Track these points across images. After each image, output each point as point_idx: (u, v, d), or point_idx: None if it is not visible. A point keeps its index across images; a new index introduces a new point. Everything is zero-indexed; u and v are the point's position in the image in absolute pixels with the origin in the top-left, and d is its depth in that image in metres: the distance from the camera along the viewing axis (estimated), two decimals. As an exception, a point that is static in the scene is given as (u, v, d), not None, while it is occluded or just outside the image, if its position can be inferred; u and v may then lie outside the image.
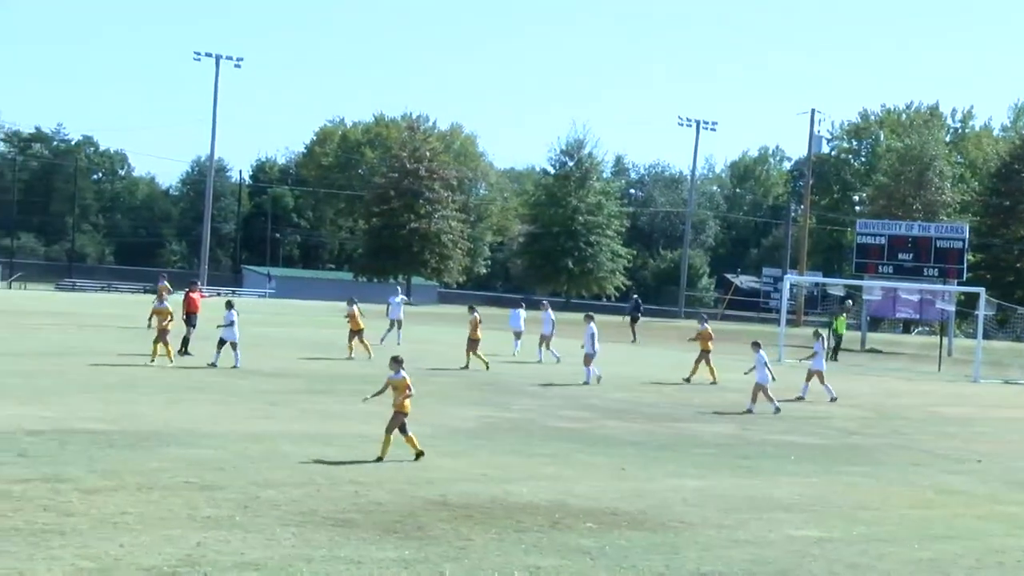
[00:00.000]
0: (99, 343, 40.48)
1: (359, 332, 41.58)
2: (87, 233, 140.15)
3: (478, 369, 40.14)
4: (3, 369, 33.16)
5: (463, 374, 38.73)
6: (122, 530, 15.95)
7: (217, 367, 35.77)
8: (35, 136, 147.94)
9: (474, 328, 41.03)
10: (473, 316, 41.74)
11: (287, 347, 42.39)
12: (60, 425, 24.01)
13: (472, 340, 40.87)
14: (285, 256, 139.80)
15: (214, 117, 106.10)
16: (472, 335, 40.96)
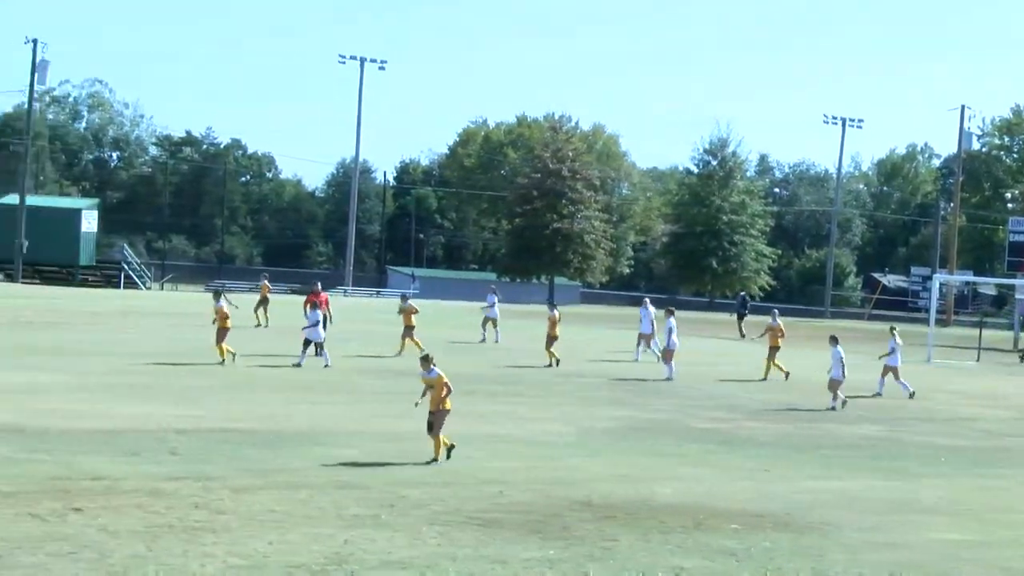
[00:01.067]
0: (247, 343, 41.09)
1: (411, 329, 41.20)
2: (236, 235, 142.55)
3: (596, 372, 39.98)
4: (155, 369, 33.86)
5: (601, 375, 38.56)
6: (270, 528, 16.19)
7: (302, 366, 35.70)
8: (185, 140, 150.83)
9: (553, 326, 40.96)
10: (552, 314, 41.62)
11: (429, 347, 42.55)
12: (210, 424, 24.45)
13: (551, 337, 40.76)
14: (429, 256, 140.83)
15: (359, 119, 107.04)
16: (551, 332, 40.86)
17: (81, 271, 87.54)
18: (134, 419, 24.59)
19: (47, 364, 32.67)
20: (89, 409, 25.68)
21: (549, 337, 40.92)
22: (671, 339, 37.78)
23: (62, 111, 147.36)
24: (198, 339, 39.55)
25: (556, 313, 41.83)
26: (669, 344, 37.85)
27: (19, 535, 15.10)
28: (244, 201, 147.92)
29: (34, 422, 23.52)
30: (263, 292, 50.83)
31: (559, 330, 41.33)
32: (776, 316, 41.12)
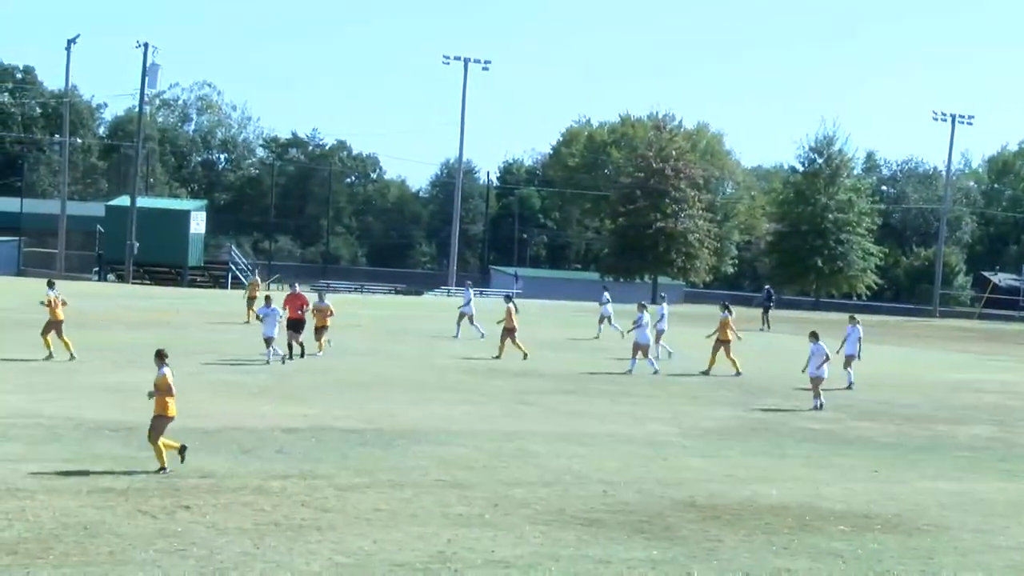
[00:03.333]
0: (353, 343, 41.38)
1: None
2: (341, 235, 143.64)
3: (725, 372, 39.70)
4: (264, 368, 34.20)
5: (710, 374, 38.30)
6: (375, 526, 16.30)
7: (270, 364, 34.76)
8: (292, 141, 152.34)
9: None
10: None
11: (533, 347, 42.62)
12: (316, 423, 24.67)
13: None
14: (532, 256, 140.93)
15: (462, 120, 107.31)
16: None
17: (189, 272, 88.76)
18: (242, 418, 24.88)
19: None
20: (198, 408, 25.96)
21: (506, 329, 40.23)
22: (644, 334, 37.43)
23: (172, 114, 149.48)
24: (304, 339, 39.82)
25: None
26: (640, 338, 37.38)
27: (131, 532, 15.35)
28: (349, 202, 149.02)
29: (146, 421, 23.85)
30: (252, 290, 50.86)
31: (517, 321, 40.57)
32: (728, 309, 39.55)
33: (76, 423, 23.18)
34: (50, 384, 28.64)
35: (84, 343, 36.25)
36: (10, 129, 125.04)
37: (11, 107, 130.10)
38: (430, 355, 39.62)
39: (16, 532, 15.09)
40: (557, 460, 21.78)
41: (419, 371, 35.24)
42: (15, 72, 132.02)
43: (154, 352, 19.78)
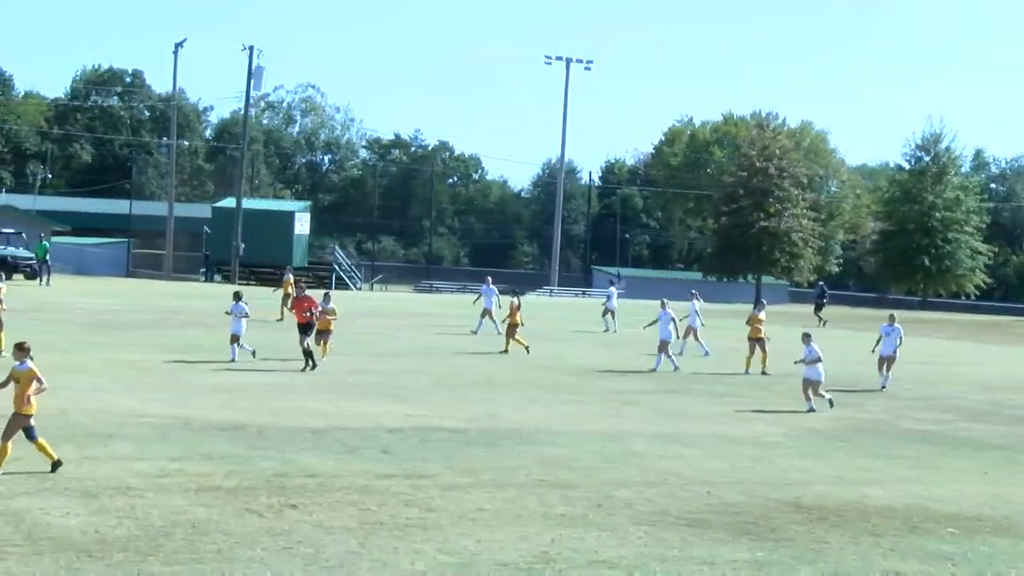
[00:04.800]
0: (457, 343, 41.55)
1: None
2: (443, 236, 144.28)
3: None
4: (368, 368, 34.45)
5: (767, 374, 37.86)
6: (480, 526, 16.33)
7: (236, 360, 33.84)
8: (394, 143, 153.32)
9: (513, 313, 40.68)
10: (514, 300, 41.32)
11: (634, 347, 42.51)
12: (421, 423, 24.78)
13: (512, 325, 40.45)
14: (634, 256, 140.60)
15: (564, 120, 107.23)
16: (512, 320, 40.47)
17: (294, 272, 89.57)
18: (349, 417, 25.07)
19: (264, 364, 33.51)
20: (305, 407, 26.24)
21: (510, 325, 40.58)
22: (666, 330, 37.06)
23: (276, 116, 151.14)
24: (410, 339, 40.10)
25: (517, 300, 41.46)
26: (663, 335, 37.06)
27: (239, 530, 15.51)
28: (451, 202, 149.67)
29: (254, 419, 24.14)
30: (287, 288, 51.00)
31: (520, 317, 40.85)
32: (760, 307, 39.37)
33: (184, 422, 23.48)
34: (157, 383, 29.05)
35: (193, 343, 36.80)
36: (119, 132, 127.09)
37: (120, 110, 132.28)
38: (531, 355, 39.62)
39: (126, 530, 15.32)
40: (660, 461, 21.69)
41: (520, 371, 35.28)
42: (124, 76, 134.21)
43: (14, 345, 18.77)
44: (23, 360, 18.24)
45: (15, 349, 18.55)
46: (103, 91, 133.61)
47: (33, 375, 18.10)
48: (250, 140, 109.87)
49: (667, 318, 37.10)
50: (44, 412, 23.75)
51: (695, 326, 43.13)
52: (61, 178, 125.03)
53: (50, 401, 25.20)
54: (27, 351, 18.37)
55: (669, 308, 37.71)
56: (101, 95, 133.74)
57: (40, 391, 18.22)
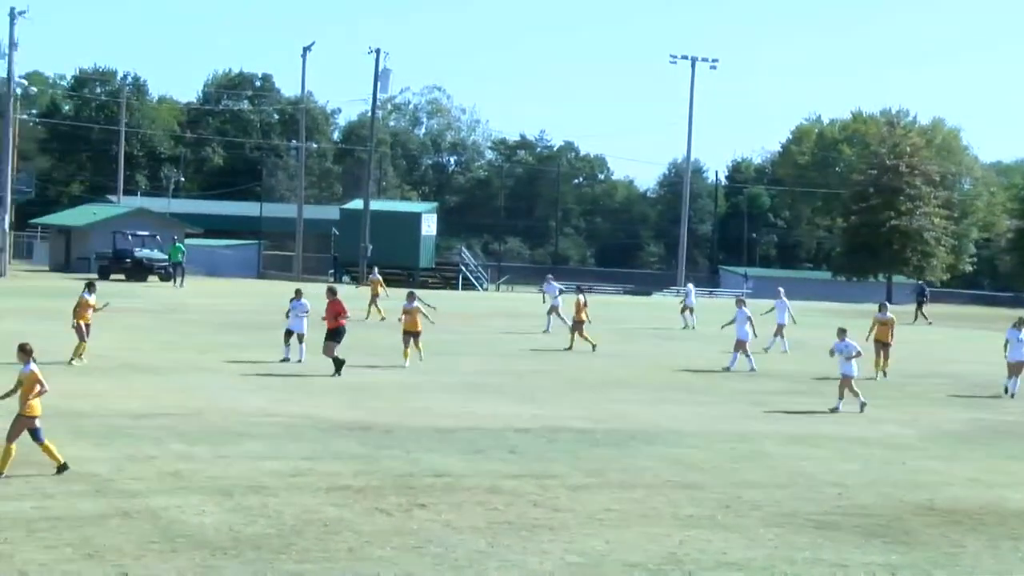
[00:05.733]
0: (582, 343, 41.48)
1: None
2: (569, 236, 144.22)
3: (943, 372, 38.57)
4: (494, 368, 34.56)
5: (948, 375, 37.29)
6: (607, 526, 16.32)
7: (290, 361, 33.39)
8: (520, 143, 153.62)
9: (579, 310, 40.65)
10: (579, 297, 41.49)
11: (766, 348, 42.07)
12: (548, 423, 24.81)
13: (577, 321, 40.53)
14: (762, 256, 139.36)
15: (690, 119, 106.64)
16: (578, 316, 40.54)
17: (421, 273, 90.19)
18: (475, 417, 25.20)
19: (386, 363, 33.70)
20: (431, 407, 26.42)
21: (576, 322, 40.52)
22: (743, 330, 36.37)
23: (403, 118, 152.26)
24: (535, 339, 40.18)
25: (583, 297, 41.55)
26: (740, 334, 36.40)
27: (369, 529, 15.67)
28: (577, 203, 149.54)
29: (381, 419, 24.36)
30: (375, 287, 50.90)
31: (587, 314, 40.74)
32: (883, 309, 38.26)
33: (313, 422, 23.77)
34: (287, 384, 29.43)
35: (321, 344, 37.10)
36: (249, 135, 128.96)
37: (250, 114, 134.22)
38: (658, 355, 39.51)
39: (259, 528, 15.55)
40: (789, 462, 21.50)
41: (648, 371, 35.18)
42: (254, 80, 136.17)
43: (17, 347, 18.48)
44: (27, 362, 18.14)
45: (18, 351, 18.36)
46: (234, 95, 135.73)
47: (35, 378, 17.97)
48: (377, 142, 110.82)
49: (743, 317, 36.68)
50: (181, 411, 24.28)
51: (783, 323, 42.71)
52: (194, 181, 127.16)
53: (185, 401, 25.73)
54: (29, 353, 18.23)
55: (746, 307, 37.28)
56: (232, 99, 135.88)
57: (41, 394, 18.01)
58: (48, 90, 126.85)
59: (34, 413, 17.98)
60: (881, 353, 35.96)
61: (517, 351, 39.40)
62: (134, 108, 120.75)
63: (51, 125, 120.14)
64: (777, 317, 42.80)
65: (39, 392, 18.01)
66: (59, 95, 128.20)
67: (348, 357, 31.45)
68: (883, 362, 35.89)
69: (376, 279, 52.09)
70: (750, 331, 36.51)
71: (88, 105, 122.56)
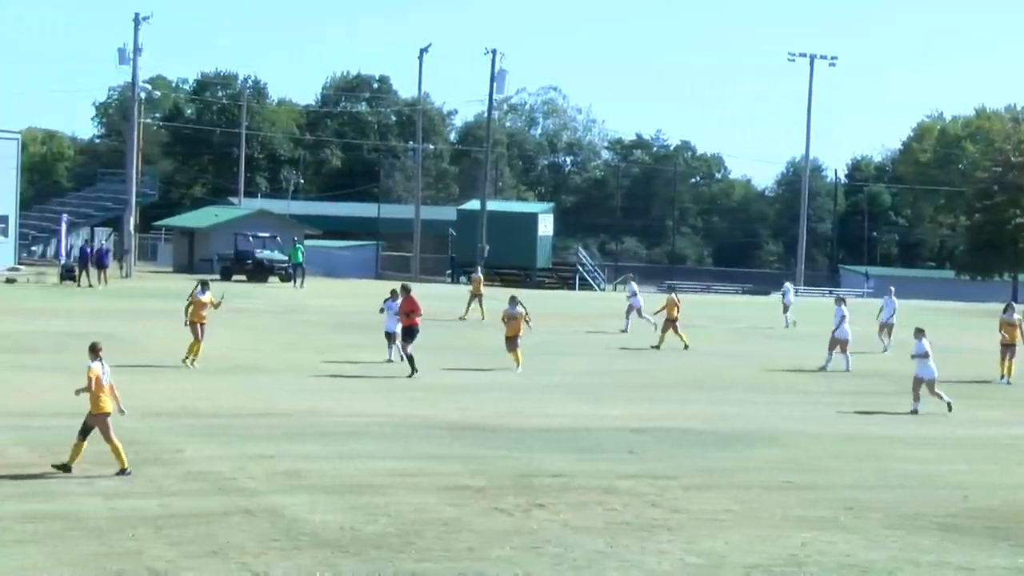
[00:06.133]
0: (696, 343, 41.28)
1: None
2: (686, 235, 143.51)
3: None
4: (608, 368, 34.53)
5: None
6: (725, 527, 16.23)
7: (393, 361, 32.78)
8: (636, 143, 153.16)
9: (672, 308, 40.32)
10: (672, 296, 41.54)
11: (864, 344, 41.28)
12: (663, 423, 24.73)
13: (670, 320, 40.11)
14: (883, 254, 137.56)
15: (808, 117, 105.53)
16: (671, 315, 40.14)
17: (537, 273, 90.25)
18: (587, 418, 25.19)
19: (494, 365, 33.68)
20: (544, 408, 26.46)
21: (667, 320, 40.18)
22: (844, 329, 35.52)
23: (519, 118, 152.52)
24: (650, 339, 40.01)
25: (675, 296, 41.64)
26: (840, 333, 35.56)
27: (488, 529, 15.73)
28: (694, 202, 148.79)
29: (497, 419, 24.45)
30: (476, 286, 50.62)
31: (678, 313, 40.36)
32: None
33: (430, 422, 23.91)
34: (403, 384, 29.61)
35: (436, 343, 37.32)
36: (367, 137, 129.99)
37: (368, 116, 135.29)
38: (761, 354, 39.06)
39: (380, 527, 15.68)
40: (906, 463, 21.22)
41: (750, 371, 34.86)
42: (372, 82, 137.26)
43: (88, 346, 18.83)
44: (92, 360, 18.43)
45: (88, 350, 18.68)
46: (352, 97, 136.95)
47: (89, 375, 18.26)
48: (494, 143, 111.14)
49: (840, 314, 36.07)
50: (299, 411, 24.54)
51: (891, 322, 41.99)
52: (313, 183, 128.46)
53: (302, 401, 26.02)
54: (96, 352, 18.54)
55: (844, 306, 36.67)
56: (350, 101, 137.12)
57: (91, 390, 18.19)
58: (171, 94, 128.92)
59: (95, 410, 18.20)
60: (1006, 356, 34.93)
61: (631, 351, 39.18)
62: (254, 111, 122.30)
63: (174, 128, 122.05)
64: (884, 315, 42.10)
65: (89, 388, 18.16)
66: (182, 99, 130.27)
67: (455, 358, 31.64)
68: (1008, 365, 34.61)
69: (478, 278, 52.22)
70: (848, 330, 35.95)
71: (210, 108, 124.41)
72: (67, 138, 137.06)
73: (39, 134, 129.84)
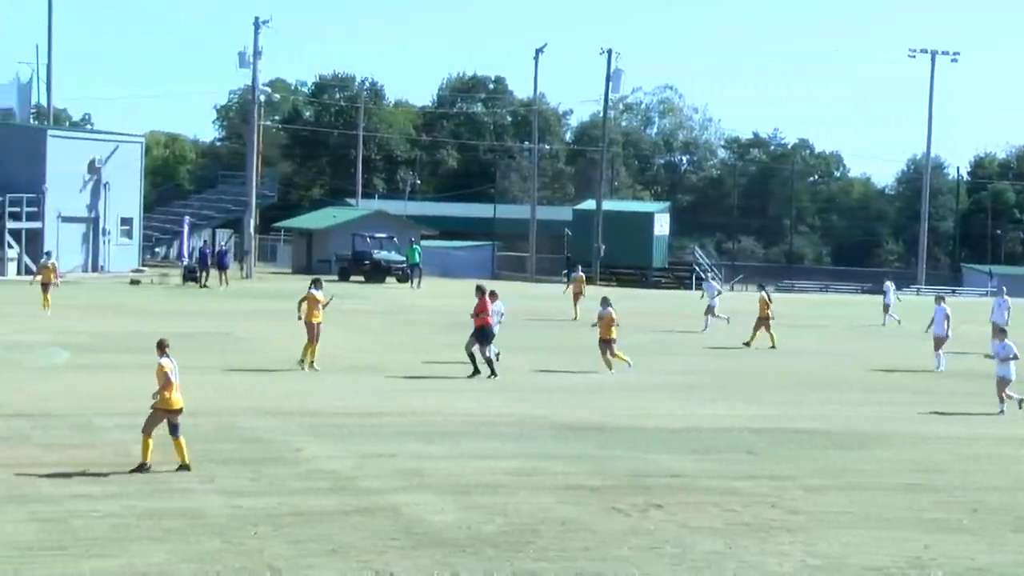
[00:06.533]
0: (812, 343, 40.88)
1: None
2: (804, 235, 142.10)
3: None
4: (728, 368, 34.29)
5: None
6: (846, 529, 16.04)
7: None
8: (753, 142, 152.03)
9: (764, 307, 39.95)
10: (762, 294, 41.04)
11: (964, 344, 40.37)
12: (780, 424, 24.50)
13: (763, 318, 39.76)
14: (1007, 253, 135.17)
15: (930, 114, 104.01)
16: (763, 313, 39.82)
17: (654, 273, 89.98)
18: (709, 418, 25.02)
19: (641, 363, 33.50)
20: (658, 407, 26.34)
21: (760, 318, 39.91)
22: (941, 326, 34.53)
23: (635, 118, 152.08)
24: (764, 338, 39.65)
25: (767, 294, 41.02)
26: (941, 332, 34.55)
27: (605, 529, 15.70)
28: (812, 201, 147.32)
29: (611, 419, 24.38)
30: (578, 286, 50.15)
31: (771, 311, 40.07)
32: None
33: (549, 422, 23.90)
34: (522, 383, 29.64)
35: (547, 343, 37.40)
36: (483, 138, 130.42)
37: (484, 116, 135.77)
38: (885, 354, 38.50)
39: (497, 526, 15.71)
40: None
41: (873, 371, 34.42)
42: (487, 83, 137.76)
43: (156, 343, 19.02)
44: (160, 356, 18.64)
45: (156, 347, 18.92)
46: (468, 98, 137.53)
47: (160, 371, 18.47)
48: (609, 142, 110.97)
49: (942, 314, 35.30)
50: (414, 411, 24.68)
51: (999, 322, 41.05)
52: (429, 183, 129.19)
53: (417, 400, 26.15)
54: (163, 348, 18.73)
55: (945, 304, 35.88)
56: (466, 102, 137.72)
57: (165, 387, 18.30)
58: (290, 96, 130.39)
59: (167, 407, 18.32)
60: None
61: (742, 350, 38.78)
62: (371, 112, 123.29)
63: (293, 131, 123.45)
64: (994, 315, 41.15)
65: (164, 386, 18.32)
66: (300, 101, 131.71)
67: (565, 358, 31.59)
68: None
69: (579, 277, 52.09)
70: (947, 329, 35.19)
71: (328, 110, 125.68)
72: (189, 141, 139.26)
73: (162, 137, 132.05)
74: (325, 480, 18.15)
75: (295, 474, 18.42)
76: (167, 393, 18.35)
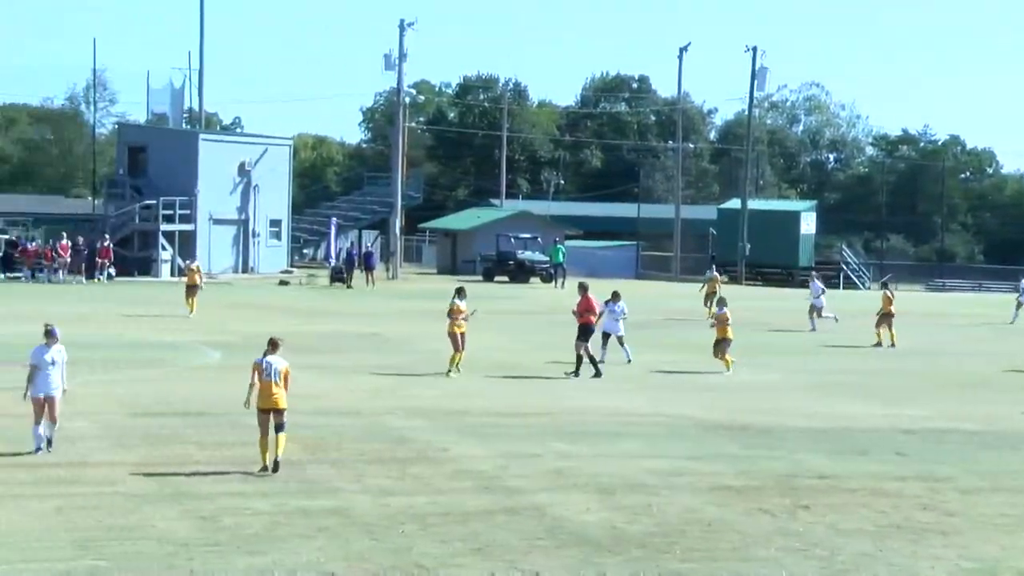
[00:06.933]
0: (971, 344, 40.07)
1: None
2: (956, 233, 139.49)
3: None
4: (867, 368, 33.78)
5: None
6: (1002, 532, 15.72)
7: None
8: (902, 139, 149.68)
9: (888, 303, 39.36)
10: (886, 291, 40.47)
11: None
12: (932, 424, 24.09)
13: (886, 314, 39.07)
14: None
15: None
16: (886, 309, 39.13)
17: (800, 272, 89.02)
18: (845, 417, 24.70)
19: (771, 363, 33.42)
20: (801, 407, 26.05)
21: (884, 315, 39.37)
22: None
23: (780, 116, 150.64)
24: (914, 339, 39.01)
25: (890, 292, 40.65)
26: None
27: (752, 529, 15.57)
28: (964, 198, 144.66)
29: (756, 419, 24.16)
30: (712, 285, 49.30)
31: (893, 308, 39.39)
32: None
33: (694, 421, 23.79)
34: (666, 383, 29.52)
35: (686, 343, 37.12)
36: (627, 137, 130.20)
37: (627, 116, 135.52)
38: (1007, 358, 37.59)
39: (643, 526, 15.66)
40: None
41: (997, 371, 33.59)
42: (631, 82, 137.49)
43: None
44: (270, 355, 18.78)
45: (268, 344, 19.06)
46: (611, 98, 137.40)
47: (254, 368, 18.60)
48: (754, 140, 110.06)
49: None
50: (556, 410, 24.68)
51: None
52: (573, 183, 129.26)
53: (558, 400, 26.17)
54: (274, 346, 18.94)
55: None
56: (609, 102, 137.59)
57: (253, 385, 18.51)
58: (434, 98, 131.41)
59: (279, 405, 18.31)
60: None
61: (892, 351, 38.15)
62: (515, 113, 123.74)
63: (438, 132, 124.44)
64: None
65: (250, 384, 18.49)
66: (445, 103, 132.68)
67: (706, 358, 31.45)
68: None
69: (714, 277, 51.65)
70: None
71: (472, 111, 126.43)
72: (336, 143, 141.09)
73: (310, 140, 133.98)
74: (471, 480, 18.25)
75: (441, 474, 18.55)
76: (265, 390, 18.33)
